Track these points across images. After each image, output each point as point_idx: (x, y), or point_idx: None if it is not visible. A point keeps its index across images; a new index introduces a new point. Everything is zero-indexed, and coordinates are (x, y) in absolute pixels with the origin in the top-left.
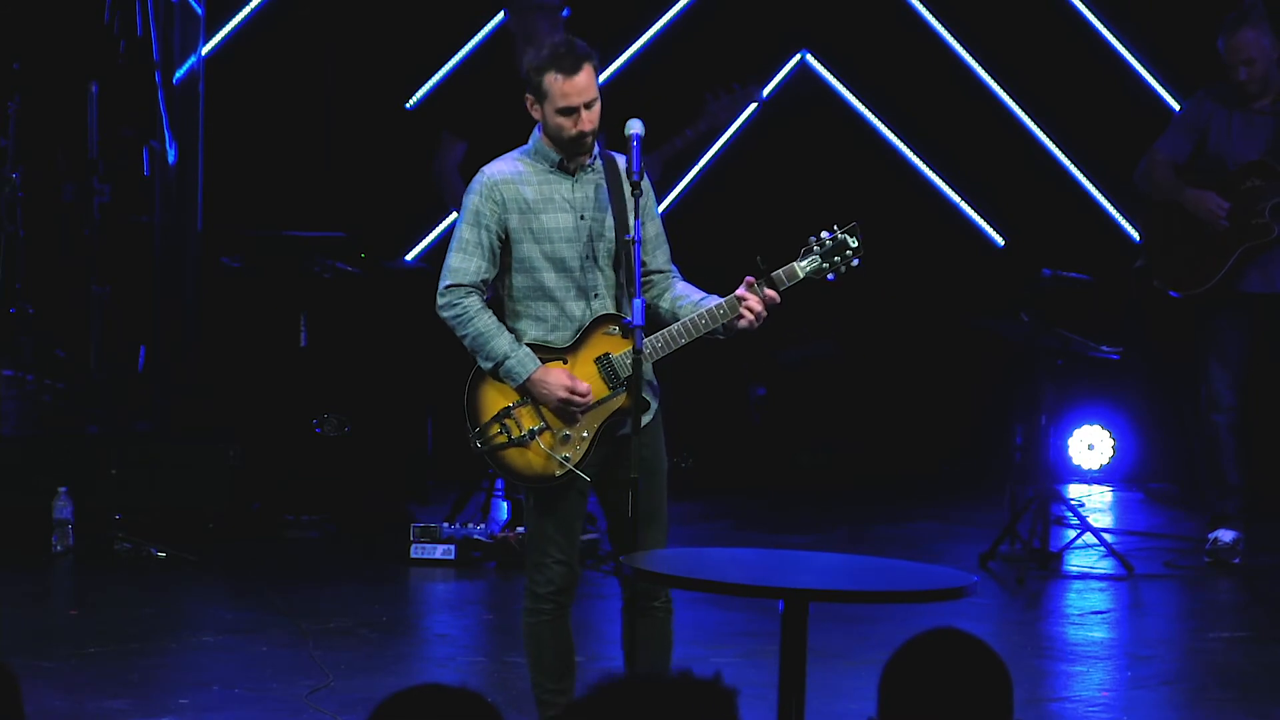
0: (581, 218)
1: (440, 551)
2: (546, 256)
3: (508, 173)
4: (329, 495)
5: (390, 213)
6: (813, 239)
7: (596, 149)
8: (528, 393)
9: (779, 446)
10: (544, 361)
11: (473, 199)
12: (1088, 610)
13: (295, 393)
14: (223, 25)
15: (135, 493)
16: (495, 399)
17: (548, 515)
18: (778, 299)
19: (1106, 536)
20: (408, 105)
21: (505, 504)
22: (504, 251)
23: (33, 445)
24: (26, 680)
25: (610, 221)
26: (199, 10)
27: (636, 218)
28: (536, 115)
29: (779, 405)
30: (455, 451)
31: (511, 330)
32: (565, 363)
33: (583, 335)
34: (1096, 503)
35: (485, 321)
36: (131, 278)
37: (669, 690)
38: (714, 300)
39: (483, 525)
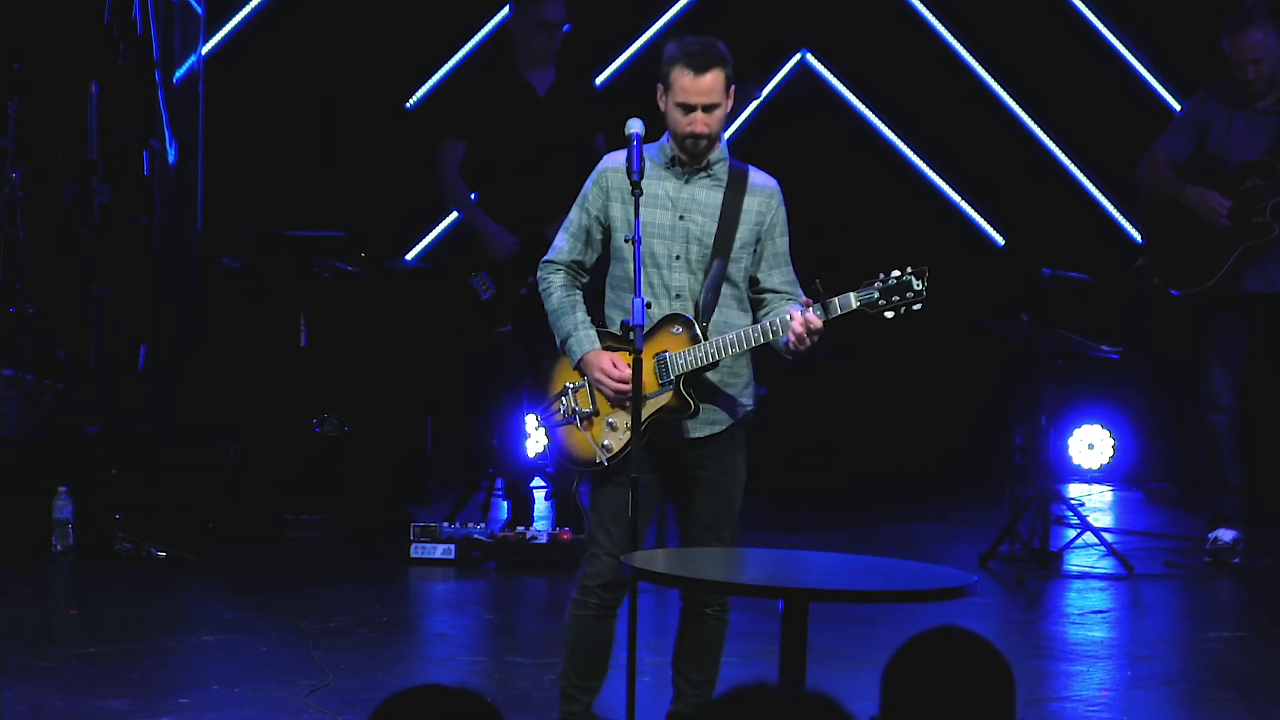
0: (680, 218)
1: (440, 551)
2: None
3: (621, 162)
4: (329, 495)
5: (390, 213)
6: (880, 274)
7: (727, 156)
8: (583, 373)
9: (779, 446)
10: (612, 349)
11: (588, 182)
12: (1088, 610)
13: (295, 393)
14: (223, 25)
15: (135, 493)
16: (562, 376)
17: (600, 505)
18: (817, 324)
19: (1106, 536)
20: (408, 105)
21: (505, 504)
22: (606, 238)
23: (33, 445)
24: (26, 680)
25: (712, 229)
26: (199, 10)
27: (636, 217)
28: (662, 106)
29: (779, 405)
30: (455, 451)
31: (605, 315)
32: (630, 354)
33: (650, 330)
34: (1096, 503)
35: (561, 299)
36: (131, 278)
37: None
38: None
39: (483, 525)
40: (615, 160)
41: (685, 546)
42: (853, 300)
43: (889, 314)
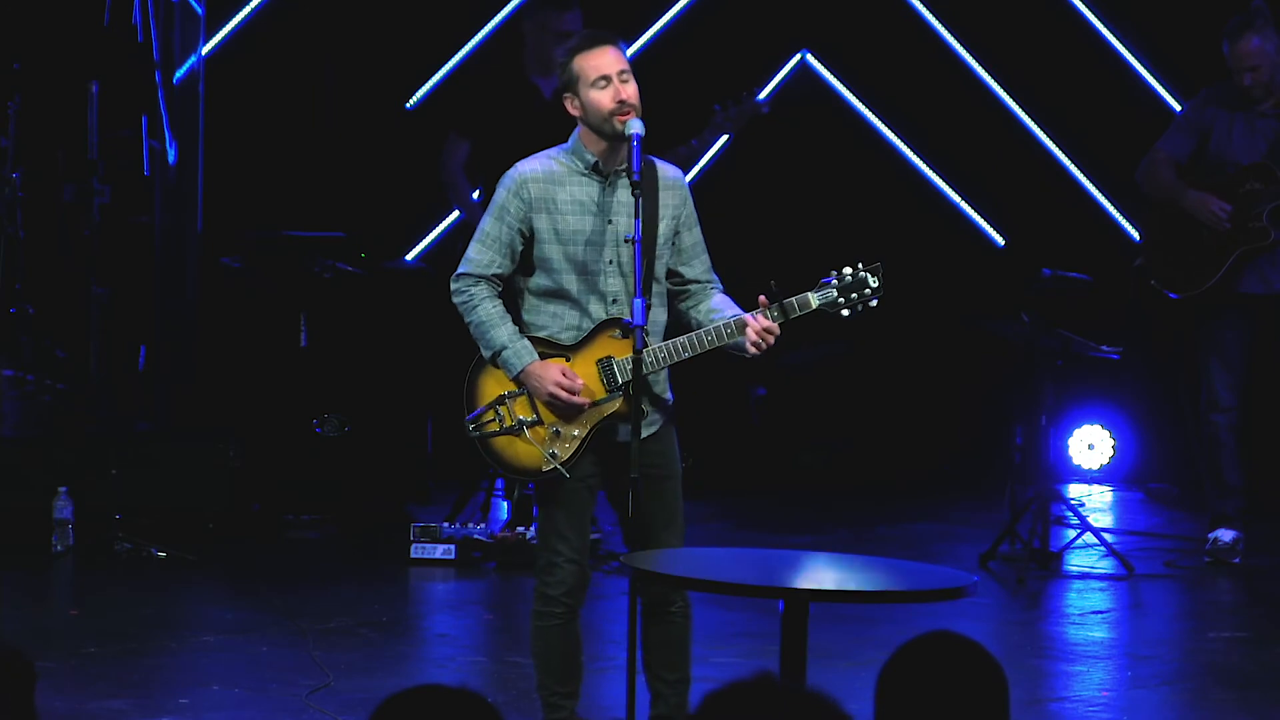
0: (609, 222)
1: (440, 551)
2: (568, 258)
3: (539, 171)
4: (329, 495)
5: (390, 213)
6: (834, 272)
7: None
8: (522, 384)
9: (780, 446)
10: (546, 357)
11: (502, 193)
12: (1088, 610)
13: (295, 393)
14: (223, 25)
15: (135, 493)
16: (493, 386)
17: (557, 514)
18: (773, 328)
19: (1106, 536)
20: (408, 105)
21: (505, 504)
22: (527, 249)
23: (33, 445)
24: None
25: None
26: (199, 10)
27: (637, 218)
28: (576, 112)
29: (779, 405)
30: (455, 451)
31: (527, 325)
32: (568, 360)
33: (589, 336)
34: (1096, 503)
35: (489, 310)
36: (131, 278)
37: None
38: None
39: (483, 525)
40: (531, 168)
41: (636, 547)
42: (812, 300)
43: (846, 312)
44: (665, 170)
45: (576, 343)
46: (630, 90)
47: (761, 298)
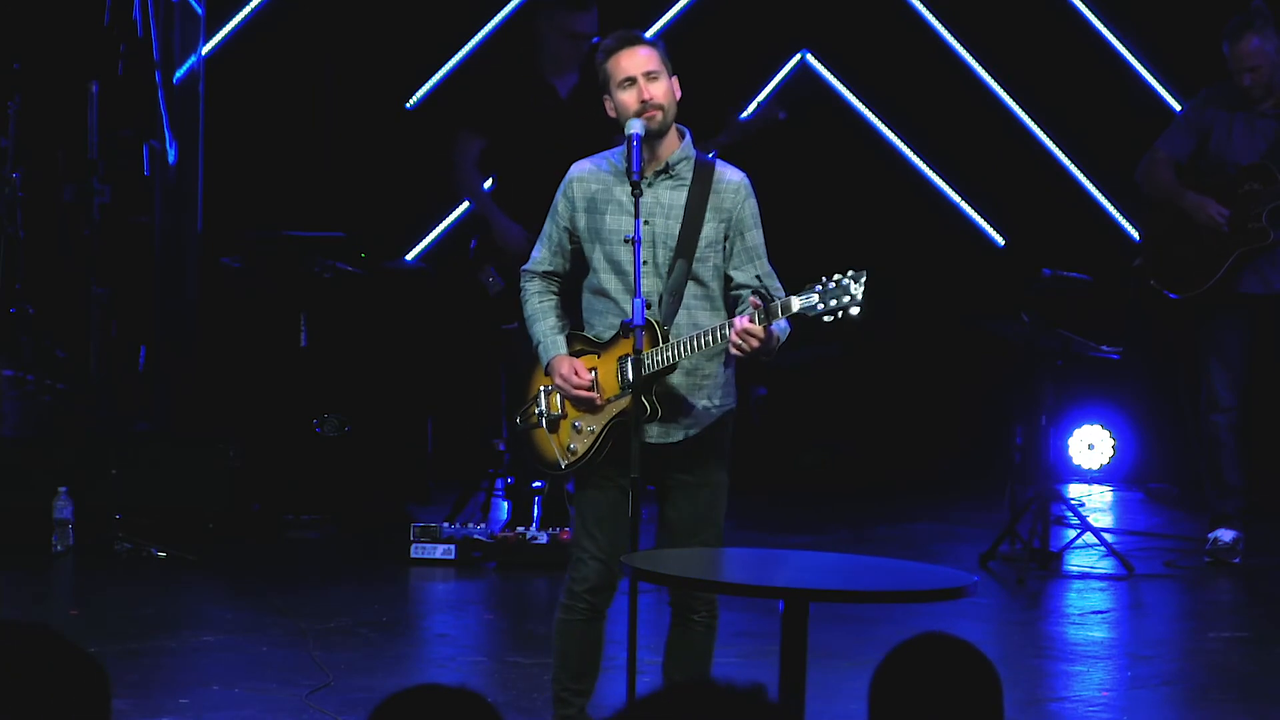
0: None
1: (440, 551)
2: (606, 258)
3: (587, 171)
4: (329, 495)
5: (390, 213)
6: (823, 277)
7: (692, 154)
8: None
9: (780, 447)
10: (580, 354)
11: (557, 193)
12: (1088, 610)
13: (295, 393)
14: (223, 25)
15: (135, 493)
16: (538, 380)
17: (587, 511)
18: (755, 331)
19: (1106, 536)
20: (408, 105)
21: (505, 504)
22: (578, 248)
23: (33, 445)
24: None
25: (675, 230)
26: (199, 10)
27: (637, 218)
28: (613, 114)
29: (780, 405)
30: (455, 451)
31: (585, 323)
32: (599, 357)
33: (617, 334)
34: (1096, 503)
35: (534, 306)
36: (131, 278)
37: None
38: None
39: (483, 525)
40: (580, 169)
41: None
42: (794, 304)
43: (827, 318)
44: (724, 173)
45: (606, 340)
46: (655, 89)
47: (753, 298)
